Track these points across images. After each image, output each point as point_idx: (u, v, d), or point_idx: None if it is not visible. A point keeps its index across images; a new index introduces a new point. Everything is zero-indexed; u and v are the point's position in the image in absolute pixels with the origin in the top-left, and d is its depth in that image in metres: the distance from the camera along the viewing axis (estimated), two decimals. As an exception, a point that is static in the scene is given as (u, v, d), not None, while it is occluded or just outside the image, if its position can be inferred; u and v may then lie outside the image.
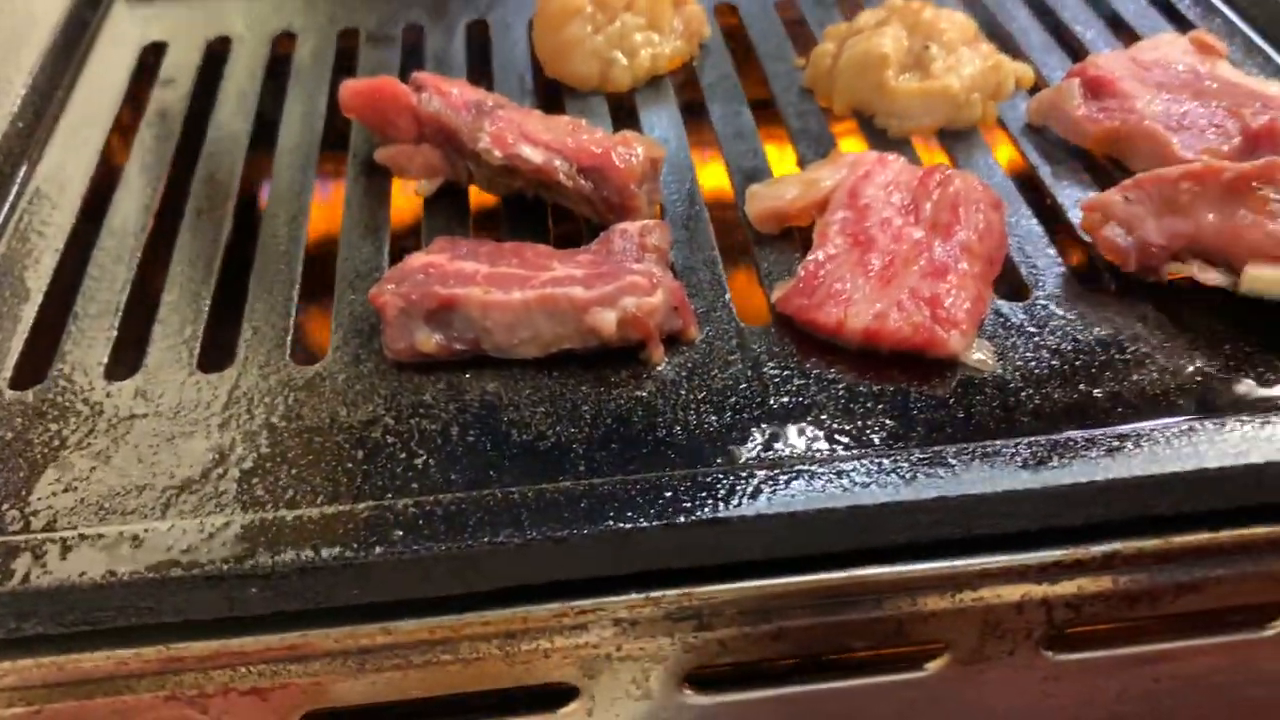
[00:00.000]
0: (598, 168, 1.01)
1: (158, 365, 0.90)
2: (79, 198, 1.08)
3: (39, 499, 0.79)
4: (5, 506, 0.78)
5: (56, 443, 0.84)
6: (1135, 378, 0.87)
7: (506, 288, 0.89)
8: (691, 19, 1.24)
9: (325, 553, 0.73)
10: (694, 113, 1.20)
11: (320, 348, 0.93)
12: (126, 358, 0.92)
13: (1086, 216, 0.97)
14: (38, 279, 0.99)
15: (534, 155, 1.01)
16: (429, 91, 1.07)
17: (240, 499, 0.79)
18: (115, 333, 0.94)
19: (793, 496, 0.76)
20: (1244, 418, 0.82)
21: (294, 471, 0.81)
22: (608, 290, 0.88)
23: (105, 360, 0.91)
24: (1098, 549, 0.79)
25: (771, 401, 0.86)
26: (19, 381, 0.89)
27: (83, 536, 0.74)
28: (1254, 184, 0.89)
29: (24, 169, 1.11)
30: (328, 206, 1.11)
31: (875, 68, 1.13)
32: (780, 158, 1.16)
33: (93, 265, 1.00)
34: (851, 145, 1.16)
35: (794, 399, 0.86)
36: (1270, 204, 0.88)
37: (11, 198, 1.08)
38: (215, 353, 0.93)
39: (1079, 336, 0.91)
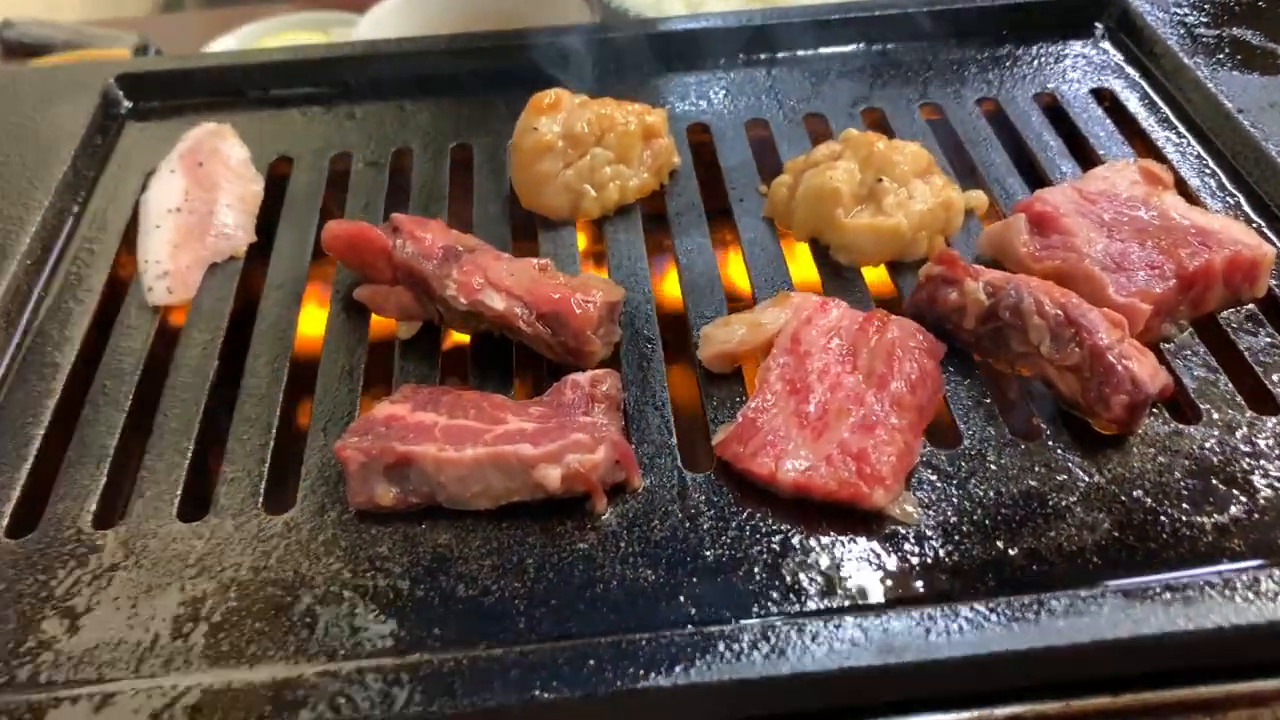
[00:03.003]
0: (556, 314, 1.07)
1: (141, 515, 0.98)
2: (79, 340, 1.15)
3: (26, 652, 0.87)
4: (-6, 660, 0.86)
5: (44, 594, 0.91)
6: (1053, 534, 0.92)
7: (460, 443, 0.96)
8: (660, 152, 1.29)
9: (272, 721, 0.80)
10: (660, 242, 1.27)
11: (292, 492, 1.00)
12: (114, 506, 1.00)
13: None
14: (38, 425, 1.06)
15: (496, 302, 1.08)
16: (404, 236, 1.14)
17: (207, 654, 0.86)
18: (104, 479, 1.01)
19: (707, 666, 0.81)
20: (1146, 580, 0.86)
21: (257, 626, 0.88)
22: (552, 448, 0.94)
23: (94, 509, 0.99)
24: (1001, 711, 0.83)
25: (706, 554, 0.92)
26: (14, 530, 0.97)
27: (56, 700, 0.81)
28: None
29: (30, 307, 1.19)
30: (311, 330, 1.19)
31: (828, 202, 1.19)
32: (738, 270, 1.22)
33: (89, 407, 1.08)
34: (807, 268, 1.22)
35: (726, 552, 0.92)
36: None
37: (19, 335, 1.16)
38: (195, 501, 1.00)
39: (1004, 488, 0.96)
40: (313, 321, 1.20)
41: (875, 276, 1.21)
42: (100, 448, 1.04)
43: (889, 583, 0.89)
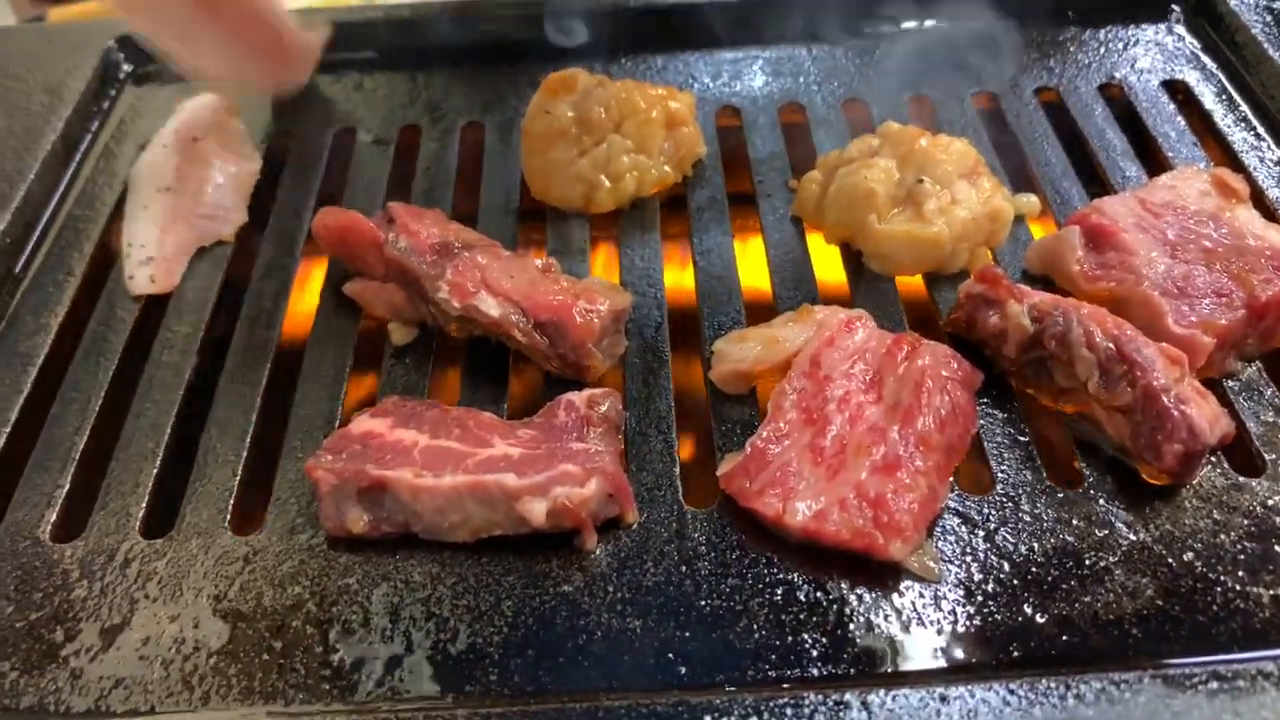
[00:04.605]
0: (556, 323, 0.98)
1: (103, 530, 0.91)
2: (54, 329, 1.08)
3: (-33, 680, 0.81)
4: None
5: (-7, 613, 0.86)
6: (1088, 599, 0.82)
7: (440, 469, 0.88)
8: (684, 142, 1.19)
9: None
10: (677, 241, 1.17)
11: (263, 509, 0.93)
12: (75, 518, 0.93)
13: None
14: (2, 422, 1.00)
15: (491, 309, 0.99)
16: (398, 229, 1.06)
17: (159, 689, 0.80)
18: (67, 487, 0.95)
19: (690, 743, 0.73)
20: (1191, 663, 0.77)
21: (213, 661, 0.82)
22: (539, 479, 0.86)
23: (54, 519, 0.92)
24: (1018, 806, 0.75)
25: (702, 604, 0.83)
26: (-32, 539, 0.92)
27: (-5, 738, 0.76)
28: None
29: (6, 289, 1.13)
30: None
31: (862, 205, 1.08)
32: (760, 275, 1.13)
33: (58, 404, 1.02)
34: (838, 273, 1.11)
35: (724, 603, 0.83)
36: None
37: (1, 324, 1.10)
38: (161, 514, 0.93)
39: (1036, 543, 0.86)
40: (302, 315, 1.12)
41: (913, 285, 1.11)
42: (66, 450, 0.98)
43: (901, 649, 0.80)
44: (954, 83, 1.33)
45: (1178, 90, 1.30)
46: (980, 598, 0.83)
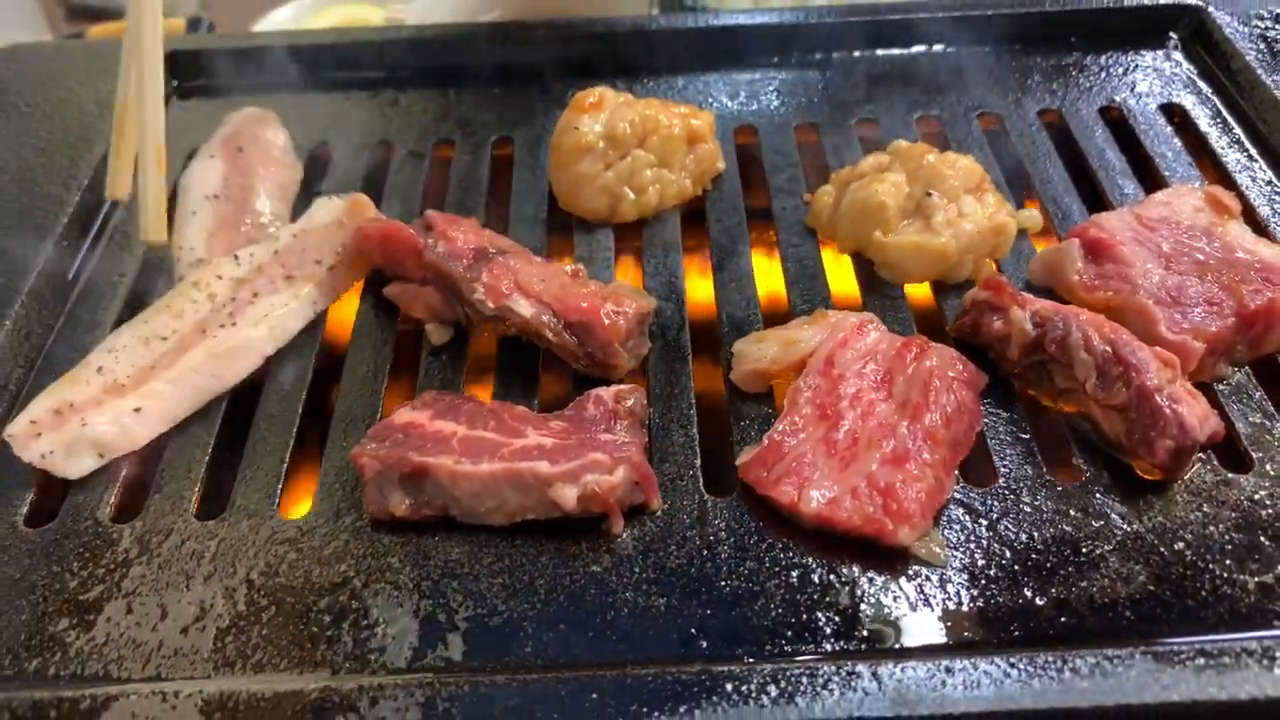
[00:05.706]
0: (584, 324, 1.04)
1: (159, 512, 0.97)
2: (109, 326, 1.15)
3: (36, 645, 0.87)
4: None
5: (58, 586, 0.91)
6: (1084, 584, 0.88)
7: (477, 457, 0.94)
8: (704, 158, 1.26)
9: (270, 735, 0.79)
10: (697, 250, 1.23)
11: (309, 492, 0.99)
12: (133, 500, 0.99)
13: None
14: (65, 406, 1.07)
15: (523, 309, 1.05)
16: (436, 235, 1.12)
17: (213, 659, 0.86)
18: (124, 472, 1.01)
19: (712, 709, 0.79)
20: (1179, 642, 0.82)
21: (264, 632, 0.87)
22: (570, 467, 0.92)
23: (113, 501, 0.98)
24: (1017, 771, 0.80)
25: (722, 585, 0.89)
26: (33, 519, 0.97)
27: (59, 699, 0.81)
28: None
29: (64, 290, 1.19)
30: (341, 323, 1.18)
31: (873, 217, 1.14)
32: (777, 282, 1.19)
33: (115, 395, 1.08)
34: (850, 281, 1.18)
35: (743, 584, 0.89)
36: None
37: (51, 318, 1.16)
38: (213, 498, 0.99)
39: (1036, 532, 0.92)
40: (344, 317, 1.18)
41: (921, 293, 1.17)
42: (123, 438, 1.04)
43: (909, 627, 0.86)
44: (961, 103, 1.39)
45: (1174, 113, 1.36)
46: (983, 582, 0.88)
